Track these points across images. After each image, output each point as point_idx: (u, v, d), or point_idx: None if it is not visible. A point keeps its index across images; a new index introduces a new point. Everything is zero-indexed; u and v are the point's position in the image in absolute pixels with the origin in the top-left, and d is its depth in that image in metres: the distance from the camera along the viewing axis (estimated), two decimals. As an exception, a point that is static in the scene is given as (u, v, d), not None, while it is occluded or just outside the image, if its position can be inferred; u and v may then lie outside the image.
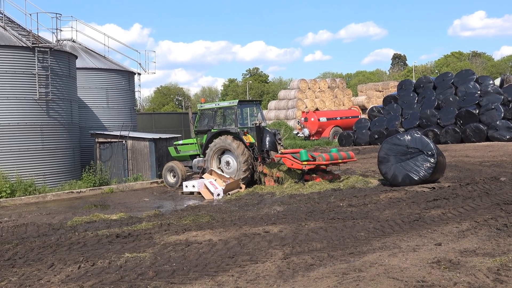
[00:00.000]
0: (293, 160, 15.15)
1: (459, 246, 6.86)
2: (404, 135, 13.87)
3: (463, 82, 30.29)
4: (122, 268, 7.04)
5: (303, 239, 8.22)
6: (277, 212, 11.33)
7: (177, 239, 8.86)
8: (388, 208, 10.55)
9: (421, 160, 13.18)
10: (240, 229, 9.34)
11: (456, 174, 15.39)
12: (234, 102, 17.83)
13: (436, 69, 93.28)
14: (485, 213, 9.03)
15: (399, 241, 7.54)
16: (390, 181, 13.77)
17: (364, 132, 32.43)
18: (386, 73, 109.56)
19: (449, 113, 28.65)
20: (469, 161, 18.78)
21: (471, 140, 27.10)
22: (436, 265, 5.94)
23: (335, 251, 7.17)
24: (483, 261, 6.00)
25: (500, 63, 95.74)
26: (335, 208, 11.07)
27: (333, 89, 57.41)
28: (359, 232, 8.41)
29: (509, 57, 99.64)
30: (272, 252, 7.39)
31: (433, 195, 11.58)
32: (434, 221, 8.87)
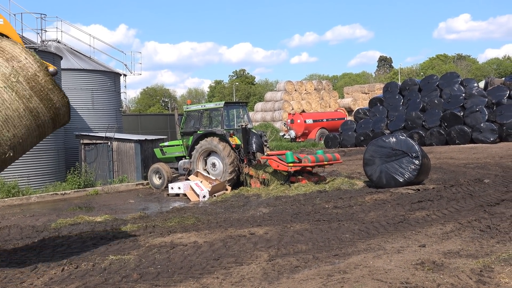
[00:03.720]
0: (279, 162, 15.16)
1: (443, 248, 6.91)
2: (390, 137, 13.95)
3: (448, 84, 30.55)
4: (106, 270, 7.00)
5: (288, 241, 8.23)
6: (262, 214, 11.34)
7: (162, 241, 8.82)
8: (373, 210, 10.60)
9: (406, 162, 13.26)
10: (225, 231, 9.33)
11: (441, 176, 15.51)
12: (220, 103, 17.82)
13: (421, 72, 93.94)
14: (468, 215, 9.11)
15: (383, 242, 7.57)
16: (375, 183, 13.84)
17: (350, 134, 32.55)
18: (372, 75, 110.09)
19: (434, 115, 28.86)
20: (453, 163, 18.93)
21: (456, 142, 27.33)
22: (420, 267, 5.97)
23: (320, 252, 7.19)
24: (467, 262, 6.05)
25: (484, 66, 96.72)
26: (321, 210, 11.10)
27: (319, 91, 57.57)
28: (344, 233, 8.44)
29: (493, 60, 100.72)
30: (257, 254, 7.39)
31: (417, 197, 11.66)
32: (419, 222, 8.92)
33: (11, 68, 7.08)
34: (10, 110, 7.00)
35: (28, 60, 7.21)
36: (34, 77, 7.19)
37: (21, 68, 7.15)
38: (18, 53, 7.24)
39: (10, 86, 7.01)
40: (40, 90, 7.24)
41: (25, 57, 7.22)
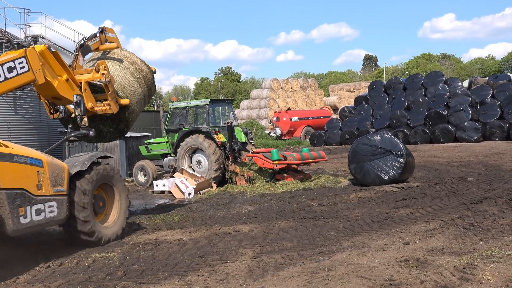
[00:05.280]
0: (265, 159, 15.16)
1: (426, 245, 6.96)
2: (374, 135, 14.01)
3: (433, 83, 30.81)
4: (90, 268, 6.95)
5: (273, 238, 8.24)
6: (248, 212, 11.33)
7: (146, 238, 8.78)
8: (358, 208, 10.64)
9: (391, 160, 13.33)
10: (210, 229, 9.32)
11: (425, 174, 15.62)
12: (206, 101, 17.78)
13: (406, 71, 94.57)
14: (452, 213, 9.18)
15: (368, 240, 7.61)
16: (360, 181, 13.90)
17: (335, 132, 32.68)
18: (358, 73, 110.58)
19: (419, 114, 29.08)
20: (437, 161, 19.08)
21: (440, 140, 27.56)
22: (404, 264, 6.01)
23: (305, 250, 7.20)
24: (450, 259, 6.10)
25: (468, 65, 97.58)
26: (306, 208, 11.12)
27: (305, 89, 57.69)
28: (329, 231, 8.47)
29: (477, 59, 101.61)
30: (242, 251, 7.39)
31: (402, 194, 11.73)
32: (403, 220, 8.98)
33: (134, 69, 10.93)
34: (138, 94, 10.86)
35: (142, 64, 11.20)
36: (146, 74, 11.19)
37: (140, 68, 11.08)
38: (135, 58, 11.18)
39: (137, 80, 10.90)
40: (148, 82, 11.27)
41: (140, 62, 11.19)
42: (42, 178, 7.44)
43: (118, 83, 10.34)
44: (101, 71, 9.63)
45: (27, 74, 8.03)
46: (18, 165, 7.06)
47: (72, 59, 10.36)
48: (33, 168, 7.32)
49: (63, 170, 7.92)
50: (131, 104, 10.49)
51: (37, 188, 7.30)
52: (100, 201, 8.70)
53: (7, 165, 6.86)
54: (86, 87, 9.51)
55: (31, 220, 7.13)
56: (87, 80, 9.60)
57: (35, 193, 7.25)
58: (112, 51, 11.27)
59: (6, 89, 7.91)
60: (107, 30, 11.30)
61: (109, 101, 9.85)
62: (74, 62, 10.21)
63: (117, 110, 10.02)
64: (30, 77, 8.10)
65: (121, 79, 10.51)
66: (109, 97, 9.85)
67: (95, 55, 11.30)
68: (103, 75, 9.63)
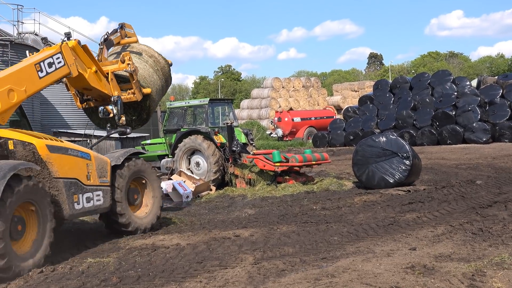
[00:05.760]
0: (266, 161, 15.15)
1: (434, 251, 6.95)
2: (379, 136, 14.00)
3: (440, 82, 30.79)
4: (84, 273, 6.94)
5: (274, 243, 8.23)
6: (248, 215, 11.32)
7: (143, 243, 8.77)
8: (363, 212, 10.63)
9: (397, 162, 13.32)
10: (209, 233, 9.30)
11: (432, 177, 15.60)
12: (205, 100, 17.76)
13: (412, 69, 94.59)
14: (460, 217, 9.17)
15: (373, 245, 7.59)
16: (364, 184, 13.89)
17: (339, 133, 32.67)
18: (362, 72, 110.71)
19: (425, 115, 29.07)
20: (445, 163, 19.06)
21: (447, 142, 27.54)
22: (410, 271, 6.00)
23: (308, 256, 7.19)
24: (458, 266, 6.08)
25: (477, 64, 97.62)
26: (308, 211, 11.11)
27: (307, 88, 57.71)
28: (332, 236, 8.45)
29: (486, 58, 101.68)
30: (242, 257, 7.37)
31: (408, 198, 11.71)
32: (409, 225, 8.96)
33: (152, 61, 11.97)
34: (157, 85, 11.92)
35: (159, 57, 12.25)
36: (163, 67, 12.22)
37: (158, 61, 12.12)
38: (153, 52, 12.22)
39: (155, 72, 11.91)
40: (166, 74, 12.31)
41: (157, 55, 12.24)
42: (91, 170, 8.62)
43: (139, 74, 11.36)
44: (126, 61, 10.79)
45: (63, 68, 9.07)
46: (71, 158, 8.28)
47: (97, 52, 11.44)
48: (83, 160, 8.51)
49: (106, 163, 9.10)
50: (152, 93, 11.62)
51: (86, 178, 8.49)
52: (135, 194, 9.76)
53: (63, 157, 8.08)
54: (112, 77, 10.59)
55: (83, 207, 8.35)
56: (113, 70, 10.74)
57: (85, 183, 8.45)
58: (131, 45, 12.37)
59: (47, 83, 8.86)
60: (126, 26, 12.40)
61: (134, 89, 11.05)
62: (99, 55, 11.34)
63: (141, 98, 11.22)
64: (66, 71, 9.16)
65: (141, 70, 11.56)
66: (134, 85, 11.01)
67: (115, 49, 12.32)
68: (128, 65, 10.78)
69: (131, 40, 12.48)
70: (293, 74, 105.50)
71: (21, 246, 7.11)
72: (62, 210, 7.95)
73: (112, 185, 9.09)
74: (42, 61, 8.65)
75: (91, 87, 10.02)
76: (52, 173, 7.83)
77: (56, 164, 7.92)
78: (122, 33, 12.25)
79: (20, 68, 8.39)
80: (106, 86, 10.35)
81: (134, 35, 12.65)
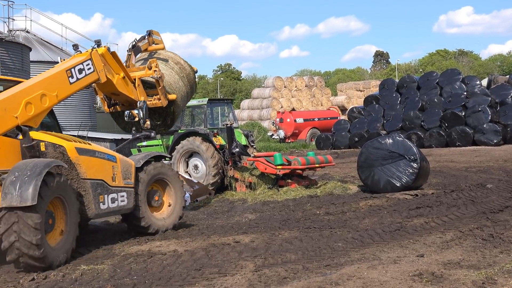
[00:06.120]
0: (267, 164, 15.15)
1: (442, 258, 6.94)
2: (386, 138, 14.01)
3: (449, 82, 30.79)
4: (78, 281, 6.94)
5: (276, 249, 8.23)
6: (248, 221, 11.32)
7: (138, 249, 8.78)
8: (368, 217, 10.63)
9: (403, 165, 13.31)
10: (208, 239, 9.31)
11: (441, 180, 15.60)
12: (203, 100, 17.77)
13: (420, 68, 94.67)
14: (470, 223, 9.17)
15: (379, 252, 7.59)
16: (370, 188, 13.89)
17: (344, 135, 32.68)
18: (368, 71, 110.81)
19: (434, 115, 29.07)
20: (454, 166, 19.05)
21: (457, 144, 27.54)
22: (418, 278, 5.99)
23: (311, 263, 7.19)
24: (468, 273, 6.08)
25: (487, 62, 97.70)
26: (311, 217, 11.11)
27: (310, 88, 57.74)
28: (336, 242, 8.45)
29: (497, 56, 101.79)
30: (242, 264, 7.37)
31: (415, 202, 11.71)
32: (417, 230, 8.96)
33: (178, 68, 12.83)
34: (182, 91, 12.77)
35: (185, 64, 13.11)
36: (188, 74, 13.07)
37: (183, 68, 12.98)
38: (179, 59, 13.08)
39: (181, 78, 12.77)
40: (191, 81, 13.15)
41: (183, 62, 13.08)
42: (116, 172, 9.33)
43: (165, 80, 12.15)
44: (153, 68, 11.56)
45: (92, 74, 9.84)
46: (98, 160, 9.02)
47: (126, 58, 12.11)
48: (109, 162, 9.24)
49: (131, 165, 9.80)
50: (177, 99, 12.43)
51: (112, 180, 9.21)
52: (156, 196, 10.33)
53: (91, 159, 8.85)
54: (139, 83, 11.40)
55: (108, 207, 9.07)
56: (140, 76, 11.54)
57: (110, 184, 9.17)
58: (158, 52, 13.22)
59: (77, 88, 9.68)
60: (153, 33, 13.25)
61: (160, 95, 11.85)
62: (127, 61, 12.07)
63: (166, 104, 11.99)
64: (95, 77, 9.93)
65: (167, 77, 12.38)
66: (160, 91, 11.81)
67: (142, 56, 13.22)
68: (155, 72, 11.57)
69: (158, 47, 13.28)
70: (295, 73, 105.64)
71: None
72: (88, 210, 8.70)
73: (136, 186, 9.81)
74: (73, 68, 9.44)
75: (118, 92, 10.82)
76: (80, 174, 8.61)
77: (84, 166, 8.68)
78: (150, 40, 13.04)
79: (52, 74, 9.20)
80: (133, 91, 11.14)
81: (161, 42, 13.42)
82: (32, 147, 8.12)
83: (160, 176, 10.37)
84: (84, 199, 8.63)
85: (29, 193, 7.13)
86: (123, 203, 9.41)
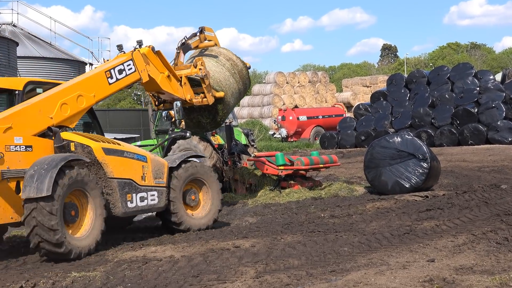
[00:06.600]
0: (268, 164, 15.16)
1: (454, 263, 6.95)
2: (394, 136, 14.01)
3: (461, 77, 30.76)
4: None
5: (278, 255, 8.23)
6: (249, 224, 11.34)
7: (133, 255, 8.78)
8: (375, 220, 10.64)
9: (413, 165, 13.31)
10: (206, 244, 9.31)
11: (452, 181, 15.60)
12: (200, 97, 17.76)
13: (430, 62, 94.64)
14: (483, 225, 9.17)
15: (387, 257, 7.60)
16: (377, 189, 13.89)
17: (349, 133, 32.69)
18: (375, 66, 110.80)
19: (445, 112, 29.05)
20: (466, 166, 19.05)
21: (469, 142, 27.52)
22: (428, 284, 6.00)
23: (315, 268, 7.19)
24: (481, 279, 6.08)
25: (501, 56, 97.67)
26: (316, 220, 11.12)
27: (314, 84, 57.76)
28: (342, 246, 8.46)
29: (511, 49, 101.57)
30: (242, 270, 7.38)
31: (426, 204, 11.72)
32: (427, 234, 8.97)
33: (230, 65, 13.44)
34: (233, 88, 13.36)
35: (237, 60, 13.71)
36: (240, 70, 13.66)
37: (235, 64, 13.59)
38: (231, 55, 13.72)
39: (232, 74, 13.38)
40: (243, 77, 13.79)
41: (235, 58, 13.70)
42: (146, 171, 10.01)
43: (214, 77, 12.87)
44: (198, 66, 12.20)
45: (134, 74, 10.72)
46: (127, 160, 9.71)
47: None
48: (139, 162, 9.93)
49: (163, 165, 10.43)
50: (226, 97, 13.08)
51: (141, 179, 9.89)
52: (192, 195, 10.93)
53: (119, 159, 9.57)
54: (185, 81, 12.23)
55: (136, 205, 9.80)
56: (186, 74, 12.25)
57: (140, 183, 9.85)
58: (210, 49, 13.90)
59: (118, 88, 10.67)
60: (206, 30, 13.86)
61: (205, 93, 12.48)
62: (176, 59, 12.84)
63: (212, 102, 12.60)
64: (136, 77, 10.80)
65: (217, 74, 13.05)
66: (205, 90, 12.45)
67: (195, 53, 13.95)
68: (200, 70, 12.19)
69: (209, 44, 14.02)
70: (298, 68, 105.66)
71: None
72: (115, 208, 9.45)
73: (168, 186, 10.39)
74: (112, 68, 10.35)
75: (163, 91, 11.70)
76: (107, 173, 9.34)
77: (111, 165, 9.40)
78: (202, 37, 13.71)
79: (90, 76, 10.24)
80: (178, 90, 11.96)
81: (214, 39, 14.14)
82: (62, 147, 9.07)
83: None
84: (111, 197, 9.37)
85: (45, 184, 8.04)
86: (153, 202, 10.07)
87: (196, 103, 12.48)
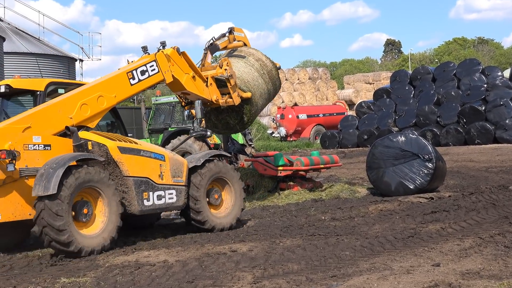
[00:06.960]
0: (266, 165, 15.16)
1: (460, 267, 6.95)
2: (398, 135, 14.02)
3: (467, 73, 30.81)
4: (57, 295, 6.94)
5: (277, 259, 8.23)
6: (246, 227, 11.34)
7: (125, 260, 8.77)
8: (378, 222, 10.64)
9: (417, 165, 13.32)
10: (201, 248, 9.31)
11: (458, 181, 15.61)
12: (196, 95, 17.77)
13: (435, 58, 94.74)
14: (491, 228, 9.17)
15: (390, 261, 7.60)
16: (380, 190, 13.90)
17: (351, 132, 32.74)
18: (378, 62, 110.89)
19: (451, 110, 29.10)
20: (473, 166, 19.07)
21: (476, 141, 27.58)
22: (433, 290, 5.99)
23: (315, 273, 7.19)
24: (489, 284, 6.08)
25: (510, 51, 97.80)
26: (316, 222, 11.12)
27: (314, 81, 57.77)
28: (343, 250, 8.46)
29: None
30: (239, 275, 7.37)
31: (431, 206, 11.72)
32: (432, 237, 8.97)
33: (259, 65, 13.85)
34: (261, 88, 13.76)
35: (267, 60, 14.10)
36: (270, 70, 14.06)
37: (264, 64, 13.98)
38: (260, 55, 14.16)
39: (261, 75, 13.78)
40: (273, 78, 14.20)
41: (265, 58, 14.12)
42: (164, 170, 10.36)
43: (242, 78, 13.31)
44: (224, 66, 12.68)
45: (157, 75, 11.14)
46: (144, 158, 10.11)
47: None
48: (156, 161, 10.29)
49: (182, 164, 10.75)
50: (253, 97, 13.48)
51: (159, 177, 10.25)
52: (216, 194, 11.30)
53: (135, 158, 9.96)
54: (211, 81, 12.59)
55: (153, 204, 10.17)
56: (212, 75, 12.66)
57: (157, 182, 10.22)
58: (239, 49, 14.38)
59: (140, 89, 11.18)
60: (235, 30, 14.35)
61: (231, 93, 12.87)
62: (203, 60, 13.30)
63: (238, 103, 13.00)
64: (160, 78, 11.24)
65: (245, 74, 13.48)
66: (231, 90, 12.83)
67: (225, 53, 14.54)
68: (225, 70, 12.64)
69: (238, 44, 14.45)
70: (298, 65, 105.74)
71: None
72: (131, 206, 9.82)
73: (189, 184, 10.76)
74: (135, 69, 10.82)
75: (188, 91, 12.06)
76: (123, 172, 9.72)
77: (127, 164, 9.79)
78: (231, 37, 14.19)
79: (112, 77, 10.71)
80: (204, 90, 12.31)
81: (244, 39, 14.59)
82: (80, 145, 9.55)
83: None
84: (127, 195, 9.75)
85: (51, 183, 8.46)
86: (171, 201, 10.44)
87: (222, 103, 12.82)
